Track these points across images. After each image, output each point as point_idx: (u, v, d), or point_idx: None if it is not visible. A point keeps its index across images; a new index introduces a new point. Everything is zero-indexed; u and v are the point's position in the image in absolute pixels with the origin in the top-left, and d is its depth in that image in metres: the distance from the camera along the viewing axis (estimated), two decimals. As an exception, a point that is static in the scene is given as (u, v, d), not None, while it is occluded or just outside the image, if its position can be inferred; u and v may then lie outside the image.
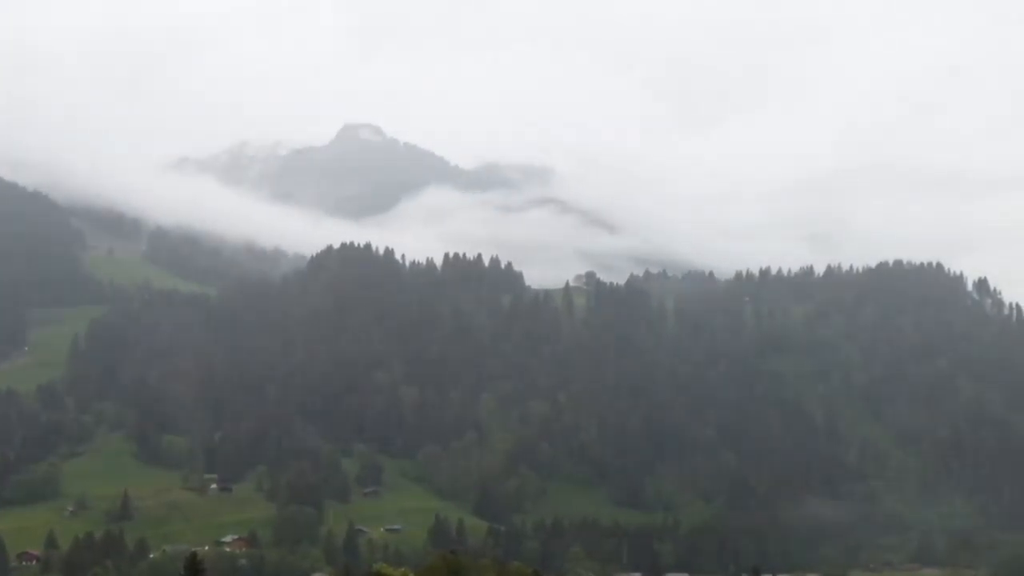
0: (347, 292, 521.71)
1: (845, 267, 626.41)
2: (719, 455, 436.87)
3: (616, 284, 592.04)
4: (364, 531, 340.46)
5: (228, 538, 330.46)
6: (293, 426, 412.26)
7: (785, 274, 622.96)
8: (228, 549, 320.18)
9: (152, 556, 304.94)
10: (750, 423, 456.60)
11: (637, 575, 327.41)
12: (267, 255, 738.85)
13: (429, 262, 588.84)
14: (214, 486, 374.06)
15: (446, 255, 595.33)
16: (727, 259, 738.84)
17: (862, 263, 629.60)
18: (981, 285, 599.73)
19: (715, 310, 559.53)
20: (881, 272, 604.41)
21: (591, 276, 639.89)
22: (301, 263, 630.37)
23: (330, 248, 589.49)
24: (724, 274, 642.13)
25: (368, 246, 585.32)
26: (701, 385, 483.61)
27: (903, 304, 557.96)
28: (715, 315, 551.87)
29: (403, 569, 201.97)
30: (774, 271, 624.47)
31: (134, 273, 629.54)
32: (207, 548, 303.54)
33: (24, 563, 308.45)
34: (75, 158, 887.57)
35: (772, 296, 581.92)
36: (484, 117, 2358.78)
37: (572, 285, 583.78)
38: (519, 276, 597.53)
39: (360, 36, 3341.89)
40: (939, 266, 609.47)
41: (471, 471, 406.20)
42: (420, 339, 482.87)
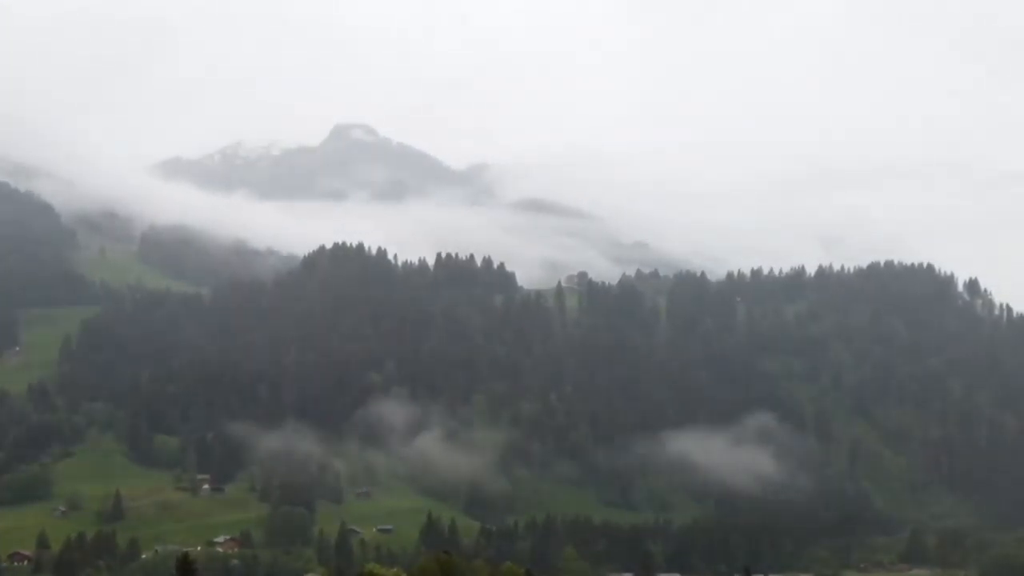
0: (339, 292, 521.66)
1: (836, 267, 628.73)
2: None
3: (608, 284, 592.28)
4: (356, 531, 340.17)
5: (220, 538, 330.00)
6: (285, 426, 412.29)
7: (777, 274, 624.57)
8: (220, 549, 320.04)
9: (144, 556, 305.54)
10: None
11: (628, 575, 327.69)
12: (259, 255, 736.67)
13: (421, 262, 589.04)
14: (206, 486, 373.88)
15: (438, 255, 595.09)
16: (719, 259, 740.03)
17: (853, 263, 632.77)
18: (972, 286, 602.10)
19: (707, 310, 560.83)
20: (872, 272, 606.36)
21: (583, 276, 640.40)
22: (293, 263, 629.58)
23: (322, 248, 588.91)
24: (716, 274, 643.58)
25: (360, 246, 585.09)
26: (693, 385, 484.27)
27: (894, 304, 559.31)
28: (707, 315, 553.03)
29: (395, 569, 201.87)
30: (766, 271, 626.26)
31: (126, 273, 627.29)
32: (199, 548, 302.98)
33: (16, 563, 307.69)
34: (67, 158, 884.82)
35: (764, 296, 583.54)
36: (474, 117, 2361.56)
37: (564, 285, 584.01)
38: (511, 276, 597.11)
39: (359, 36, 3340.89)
40: (930, 267, 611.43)
41: (463, 471, 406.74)
42: (412, 339, 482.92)
